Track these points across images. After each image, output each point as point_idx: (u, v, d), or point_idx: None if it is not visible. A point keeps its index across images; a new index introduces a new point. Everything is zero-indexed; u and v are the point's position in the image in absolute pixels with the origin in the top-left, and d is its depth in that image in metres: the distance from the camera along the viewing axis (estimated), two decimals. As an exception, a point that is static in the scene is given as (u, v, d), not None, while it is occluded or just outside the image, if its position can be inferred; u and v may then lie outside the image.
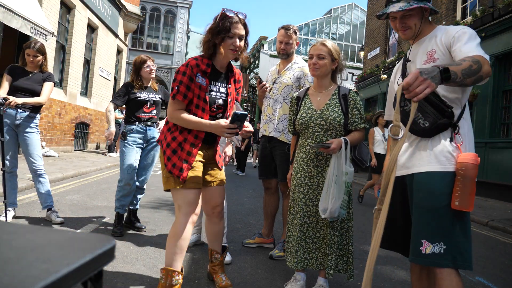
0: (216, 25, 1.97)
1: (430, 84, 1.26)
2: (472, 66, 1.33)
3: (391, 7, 1.60)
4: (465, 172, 1.43)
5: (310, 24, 23.29)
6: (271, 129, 3.05)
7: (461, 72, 1.31)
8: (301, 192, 2.28)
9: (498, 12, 7.47)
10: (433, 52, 1.57)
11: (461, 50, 1.47)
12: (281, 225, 3.16)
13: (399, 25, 1.64)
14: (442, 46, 1.56)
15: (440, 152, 1.52)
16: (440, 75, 1.27)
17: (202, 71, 2.02)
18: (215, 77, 2.10)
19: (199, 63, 2.01)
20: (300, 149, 2.37)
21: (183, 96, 1.98)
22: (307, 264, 2.24)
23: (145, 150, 3.42)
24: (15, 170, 3.36)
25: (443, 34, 1.57)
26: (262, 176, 3.23)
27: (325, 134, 2.26)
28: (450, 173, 1.49)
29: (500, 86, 7.87)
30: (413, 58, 1.68)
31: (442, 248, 1.45)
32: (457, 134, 1.51)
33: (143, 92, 3.36)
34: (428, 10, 1.63)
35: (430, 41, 1.61)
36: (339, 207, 2.06)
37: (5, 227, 0.64)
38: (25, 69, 3.33)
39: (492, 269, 3.18)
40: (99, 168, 7.48)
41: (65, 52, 9.90)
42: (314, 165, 2.27)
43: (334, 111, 2.26)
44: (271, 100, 3.09)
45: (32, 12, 6.43)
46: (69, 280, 0.45)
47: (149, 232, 3.38)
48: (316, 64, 2.28)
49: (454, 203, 1.44)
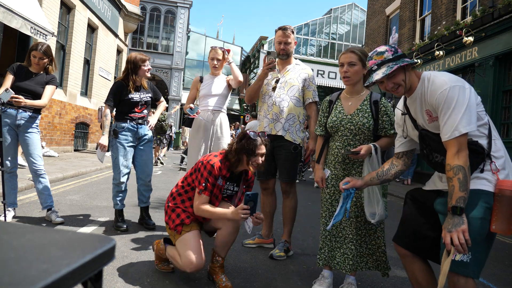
0: (241, 146, 2.25)
1: (463, 230, 1.44)
2: (460, 179, 1.47)
3: (374, 75, 1.70)
4: (502, 198, 1.51)
5: (310, 24, 23.26)
6: (278, 128, 3.02)
7: (463, 191, 1.46)
8: (327, 193, 2.38)
9: (498, 12, 7.46)
10: (428, 112, 1.68)
11: (442, 134, 1.58)
12: (281, 225, 3.16)
13: (389, 87, 1.72)
14: (432, 108, 1.65)
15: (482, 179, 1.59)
16: (460, 215, 1.46)
17: (223, 175, 2.31)
18: (230, 178, 2.39)
19: (222, 167, 2.29)
20: (329, 151, 2.45)
21: (210, 192, 2.25)
22: (329, 261, 2.35)
23: (138, 147, 3.47)
24: (15, 170, 3.36)
25: (428, 96, 1.65)
26: (261, 177, 3.20)
27: (353, 139, 2.31)
28: (491, 192, 1.55)
29: (500, 86, 7.87)
30: (415, 115, 1.77)
31: (468, 258, 1.52)
32: (492, 162, 1.58)
33: (136, 93, 3.38)
34: (410, 65, 1.71)
35: (421, 100, 1.69)
36: (385, 209, 2.15)
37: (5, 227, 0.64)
38: (30, 70, 3.33)
39: (492, 269, 3.18)
40: (99, 168, 7.48)
41: (65, 52, 9.89)
42: (341, 168, 2.34)
43: (364, 117, 2.30)
44: (278, 99, 3.04)
45: (32, 12, 6.43)
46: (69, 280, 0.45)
47: (149, 232, 3.38)
48: (347, 71, 2.31)
49: (492, 227, 1.52)
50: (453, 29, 8.81)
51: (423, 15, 11.13)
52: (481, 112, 1.62)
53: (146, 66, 3.37)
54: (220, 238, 2.33)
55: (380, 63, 1.69)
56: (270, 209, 3.20)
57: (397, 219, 1.92)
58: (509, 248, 4.04)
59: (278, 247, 2.98)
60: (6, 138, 3.22)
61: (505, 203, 1.49)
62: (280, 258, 2.91)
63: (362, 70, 2.32)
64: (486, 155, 1.58)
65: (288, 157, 3.00)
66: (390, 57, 1.68)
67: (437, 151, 1.68)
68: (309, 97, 3.05)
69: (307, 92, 3.06)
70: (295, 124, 3.01)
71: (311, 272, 2.69)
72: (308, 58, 21.12)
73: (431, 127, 1.69)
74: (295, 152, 3.00)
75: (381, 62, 1.69)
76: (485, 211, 1.52)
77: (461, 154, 1.50)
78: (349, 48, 2.41)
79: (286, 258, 2.96)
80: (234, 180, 2.44)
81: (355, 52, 2.32)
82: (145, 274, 2.38)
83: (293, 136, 2.99)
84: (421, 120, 1.73)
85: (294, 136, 3.00)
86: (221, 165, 2.29)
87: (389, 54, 1.69)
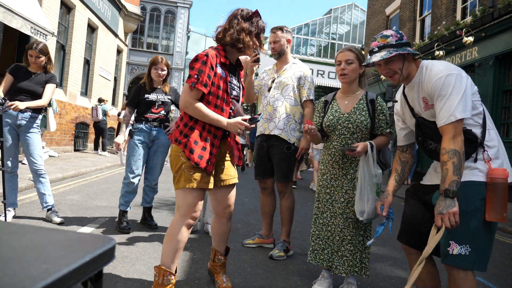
0: (250, 24, 1.98)
1: (454, 212, 1.48)
2: (454, 163, 1.49)
3: (373, 57, 1.72)
4: (494, 187, 1.52)
5: (310, 24, 23.26)
6: (272, 127, 3.03)
7: (456, 175, 1.49)
8: (327, 193, 2.38)
9: (498, 12, 7.46)
10: (425, 99, 1.69)
11: (438, 119, 1.59)
12: (280, 225, 3.16)
13: (384, 72, 1.74)
14: (428, 95, 1.65)
15: (474, 169, 1.61)
16: (452, 198, 1.48)
17: (222, 63, 1.98)
18: (230, 69, 2.09)
19: (218, 54, 1.97)
20: (325, 151, 2.44)
21: (204, 85, 1.89)
22: (331, 263, 2.34)
23: (151, 150, 3.52)
24: (16, 170, 3.36)
25: (425, 83, 1.66)
26: (258, 176, 3.20)
27: (351, 137, 2.32)
28: (483, 182, 1.57)
29: (500, 86, 7.87)
30: (412, 102, 1.79)
31: (467, 251, 1.53)
32: (485, 151, 1.59)
33: (152, 94, 3.46)
34: (410, 55, 1.71)
35: (419, 87, 1.70)
36: (374, 208, 2.12)
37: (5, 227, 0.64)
38: (29, 70, 3.32)
39: (492, 269, 3.18)
40: (99, 168, 7.48)
41: (65, 52, 9.89)
42: (340, 167, 2.34)
43: (362, 115, 2.31)
44: (272, 99, 3.07)
45: (32, 12, 6.43)
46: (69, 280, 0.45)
47: (150, 232, 3.38)
48: (344, 69, 2.33)
49: (486, 216, 1.54)
50: (453, 29, 8.81)
51: (423, 15, 11.13)
52: (477, 102, 1.63)
53: (157, 69, 3.44)
54: (215, 230, 2.26)
55: (381, 46, 1.70)
56: (270, 208, 3.20)
57: (398, 219, 1.92)
58: (509, 248, 4.04)
59: (277, 247, 2.98)
60: (7, 138, 3.23)
61: (497, 192, 1.52)
62: (280, 258, 2.91)
63: (359, 68, 2.34)
64: (479, 144, 1.59)
65: (282, 156, 3.00)
66: (393, 43, 1.68)
67: (431, 139, 1.71)
68: (303, 95, 3.05)
69: (302, 91, 3.06)
70: (289, 124, 3.02)
71: (311, 272, 2.69)
72: (308, 58, 21.11)
73: (427, 115, 1.70)
74: (288, 151, 3.00)
75: (383, 46, 1.69)
76: (479, 202, 1.54)
77: (457, 139, 1.52)
78: (346, 46, 2.43)
79: (286, 258, 2.96)
80: (233, 73, 2.14)
81: (352, 50, 2.35)
82: (145, 274, 2.38)
83: (287, 135, 3.00)
84: (418, 107, 1.75)
85: (289, 135, 3.00)
86: (216, 52, 1.98)
87: (392, 40, 1.69)
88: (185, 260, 2.70)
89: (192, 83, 1.87)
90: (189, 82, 1.88)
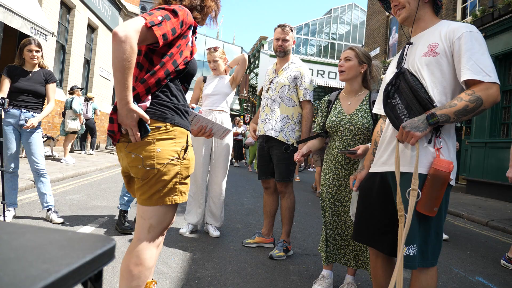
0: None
1: (414, 135, 1.39)
2: (468, 106, 1.37)
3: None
4: (434, 178, 1.41)
5: (310, 24, 23.26)
6: (267, 128, 3.04)
7: (454, 113, 1.37)
8: (329, 193, 2.39)
9: (498, 12, 7.47)
10: (434, 45, 1.51)
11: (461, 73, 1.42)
12: (281, 225, 3.16)
13: (393, 4, 1.63)
14: (446, 42, 1.49)
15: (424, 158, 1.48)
16: (426, 122, 1.38)
17: (194, 27, 1.55)
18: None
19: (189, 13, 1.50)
20: (328, 151, 2.45)
21: (164, 38, 1.36)
22: (336, 259, 2.39)
23: None
24: (16, 170, 3.36)
25: (448, 30, 1.50)
26: (261, 177, 3.23)
27: (353, 139, 2.32)
28: (423, 175, 1.46)
29: (500, 86, 7.86)
30: (414, 50, 1.60)
31: (415, 250, 1.46)
32: (438, 137, 1.48)
33: None
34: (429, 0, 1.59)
35: (433, 34, 1.55)
36: None
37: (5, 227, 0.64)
38: (24, 69, 3.31)
39: (492, 269, 3.18)
40: (99, 168, 7.48)
41: (65, 52, 9.89)
42: (342, 168, 2.35)
43: (364, 117, 2.31)
44: (269, 100, 3.08)
45: (32, 12, 6.43)
46: (69, 280, 0.45)
47: (149, 232, 3.38)
48: (342, 66, 2.35)
49: (417, 207, 1.43)
50: (453, 29, 8.80)
51: (423, 15, 11.12)
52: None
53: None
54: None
55: None
56: (271, 208, 3.21)
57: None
58: (509, 248, 4.03)
59: (277, 247, 2.98)
60: (10, 138, 3.23)
61: (435, 184, 1.41)
62: (280, 258, 2.91)
63: (357, 67, 2.34)
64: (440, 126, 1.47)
65: (281, 157, 3.01)
66: None
67: (399, 94, 1.53)
68: (300, 96, 3.05)
69: (298, 91, 3.05)
70: (287, 125, 3.01)
71: (311, 272, 2.69)
72: (308, 58, 21.10)
73: (419, 63, 1.53)
74: (287, 152, 3.00)
75: None
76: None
77: (490, 94, 1.39)
78: (351, 45, 2.46)
79: (286, 258, 2.96)
80: None
81: (353, 48, 2.38)
82: (145, 274, 2.38)
83: (286, 137, 3.00)
84: (413, 56, 1.58)
85: (287, 136, 3.00)
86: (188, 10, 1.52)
87: None
88: (185, 260, 2.70)
89: (151, 21, 1.33)
90: (147, 20, 1.33)
